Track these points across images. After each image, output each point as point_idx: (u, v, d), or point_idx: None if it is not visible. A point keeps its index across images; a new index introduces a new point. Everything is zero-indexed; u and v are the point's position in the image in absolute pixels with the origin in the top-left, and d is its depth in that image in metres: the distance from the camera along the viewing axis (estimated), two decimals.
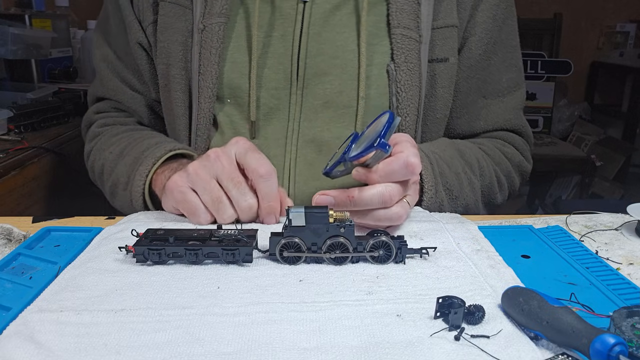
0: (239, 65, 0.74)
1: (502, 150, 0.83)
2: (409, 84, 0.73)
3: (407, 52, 0.73)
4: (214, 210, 0.61)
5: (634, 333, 0.39)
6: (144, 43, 0.81)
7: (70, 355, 0.39)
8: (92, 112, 0.89)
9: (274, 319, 0.44)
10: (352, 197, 0.56)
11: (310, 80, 0.74)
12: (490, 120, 0.84)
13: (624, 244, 0.61)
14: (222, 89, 0.75)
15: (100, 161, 0.80)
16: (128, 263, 0.53)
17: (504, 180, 0.82)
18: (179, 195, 0.61)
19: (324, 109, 0.74)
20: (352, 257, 0.53)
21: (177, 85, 0.77)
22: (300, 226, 0.53)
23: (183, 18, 0.75)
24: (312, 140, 0.75)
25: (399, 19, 0.73)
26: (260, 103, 0.74)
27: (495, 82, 0.83)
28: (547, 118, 2.62)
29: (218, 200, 0.60)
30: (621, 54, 2.69)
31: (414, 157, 0.56)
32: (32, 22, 1.55)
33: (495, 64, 0.82)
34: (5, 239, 0.61)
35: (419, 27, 0.73)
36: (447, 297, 0.44)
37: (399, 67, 0.73)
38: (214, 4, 0.72)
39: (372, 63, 0.73)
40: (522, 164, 0.86)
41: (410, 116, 0.74)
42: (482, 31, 0.79)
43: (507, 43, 0.83)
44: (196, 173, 0.60)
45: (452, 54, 0.77)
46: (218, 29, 0.72)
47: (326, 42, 0.73)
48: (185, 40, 0.75)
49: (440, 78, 0.77)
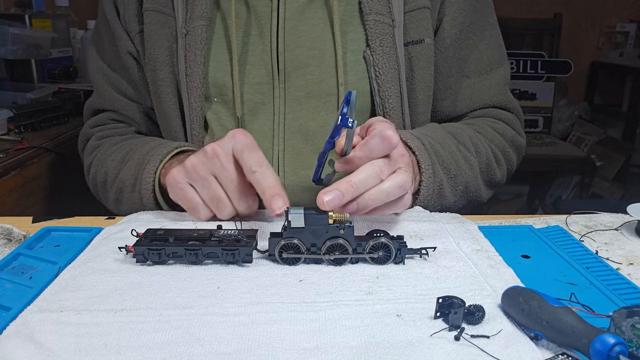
0: (222, 65, 0.77)
1: (492, 127, 0.84)
2: (387, 67, 0.75)
3: (381, 37, 0.75)
4: (213, 208, 0.61)
5: (634, 333, 0.39)
6: (134, 52, 0.83)
7: (70, 355, 0.39)
8: (89, 127, 0.90)
9: (274, 319, 0.44)
10: (351, 181, 0.55)
11: (291, 73, 0.76)
12: (475, 99, 0.85)
13: (624, 244, 0.61)
14: (209, 88, 0.77)
15: (103, 169, 0.80)
16: (128, 263, 0.53)
17: (501, 155, 0.83)
18: (179, 192, 0.62)
19: (307, 100, 0.77)
20: (352, 258, 0.53)
21: (166, 88, 0.79)
22: (300, 227, 0.53)
23: (167, 25, 0.78)
24: (299, 130, 0.77)
25: (370, 6, 0.75)
26: (244, 99, 0.77)
27: (475, 60, 0.84)
28: (547, 118, 2.62)
29: (217, 198, 0.61)
30: (621, 54, 2.69)
31: (388, 130, 0.56)
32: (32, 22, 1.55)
33: (474, 42, 0.83)
34: (5, 239, 0.61)
35: (391, 12, 0.75)
36: (447, 297, 0.44)
37: (375, 51, 0.75)
38: (194, 9, 0.75)
39: (348, 50, 0.76)
40: (515, 138, 0.86)
41: (393, 98, 0.76)
42: (454, 10, 0.80)
43: (483, 21, 0.84)
44: (194, 169, 0.60)
45: (427, 34, 0.78)
46: (201, 31, 0.75)
47: (302, 35, 0.76)
48: (171, 45, 0.78)
49: (417, 60, 0.78)
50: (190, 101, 0.76)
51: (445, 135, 0.75)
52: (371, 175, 0.55)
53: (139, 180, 0.71)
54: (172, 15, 0.78)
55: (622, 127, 2.67)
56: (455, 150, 0.74)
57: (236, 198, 0.60)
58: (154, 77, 0.80)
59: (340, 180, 0.55)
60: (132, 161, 0.75)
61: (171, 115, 0.80)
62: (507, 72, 0.87)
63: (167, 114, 0.80)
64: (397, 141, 0.56)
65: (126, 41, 0.83)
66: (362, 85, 0.77)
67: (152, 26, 0.79)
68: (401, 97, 0.77)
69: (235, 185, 0.60)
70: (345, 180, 0.54)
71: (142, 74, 0.85)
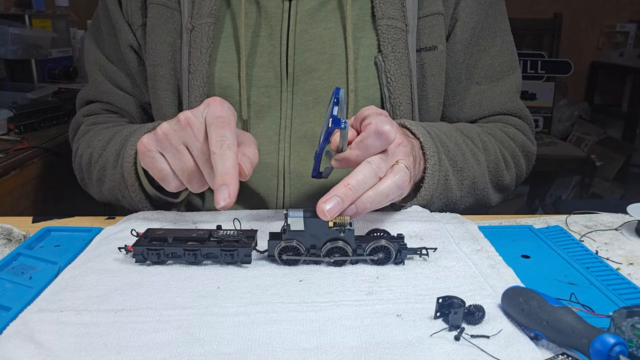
0: (228, 65, 0.75)
1: (503, 130, 0.82)
2: (398, 73, 0.73)
3: (394, 42, 0.73)
4: (183, 179, 0.59)
5: (634, 333, 0.39)
6: (135, 45, 0.81)
7: (70, 355, 0.39)
8: (81, 115, 0.88)
9: (274, 319, 0.44)
10: (349, 184, 0.54)
11: (300, 77, 0.74)
12: (485, 106, 0.83)
13: (624, 244, 0.61)
14: (212, 89, 0.75)
15: (88, 151, 0.78)
16: (128, 263, 0.53)
17: (510, 159, 0.81)
18: (148, 160, 0.59)
19: (315, 105, 0.75)
20: (351, 259, 0.53)
21: (165, 85, 0.77)
22: (299, 231, 0.53)
23: (171, 20, 0.76)
24: (305, 136, 0.75)
25: (383, 10, 0.73)
26: (251, 102, 0.75)
27: (486, 67, 0.82)
28: (547, 118, 2.62)
29: (188, 170, 0.58)
30: (621, 54, 2.69)
31: (384, 125, 0.54)
32: (32, 22, 1.56)
33: (485, 48, 0.82)
34: (5, 239, 0.61)
35: (404, 17, 0.74)
36: (447, 297, 0.44)
37: (387, 57, 0.73)
38: (202, 5, 0.73)
39: (359, 56, 0.74)
40: (525, 144, 0.84)
41: (404, 105, 0.74)
42: (467, 15, 0.79)
43: (495, 27, 0.82)
44: (165, 137, 0.58)
45: (440, 41, 0.77)
46: (208, 29, 0.73)
47: (313, 38, 0.74)
48: (174, 41, 0.76)
49: (429, 66, 0.77)
50: (190, 100, 0.74)
51: (452, 129, 0.74)
52: (369, 176, 0.54)
53: (121, 155, 0.69)
54: (178, 9, 0.75)
55: (622, 127, 2.67)
56: (462, 144, 0.72)
57: (207, 171, 0.57)
58: (154, 72, 0.78)
59: (338, 185, 0.54)
60: (116, 138, 0.73)
61: (167, 113, 0.78)
62: (519, 79, 0.85)
63: (164, 111, 0.78)
64: (394, 136, 0.55)
65: (127, 34, 0.80)
66: (373, 92, 0.75)
67: (156, 20, 0.76)
68: (412, 104, 0.75)
69: (207, 157, 0.56)
70: (343, 184, 0.53)
71: (142, 67, 0.82)
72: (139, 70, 0.83)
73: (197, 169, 0.58)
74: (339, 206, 0.52)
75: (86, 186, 0.84)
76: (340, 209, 0.53)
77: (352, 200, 0.53)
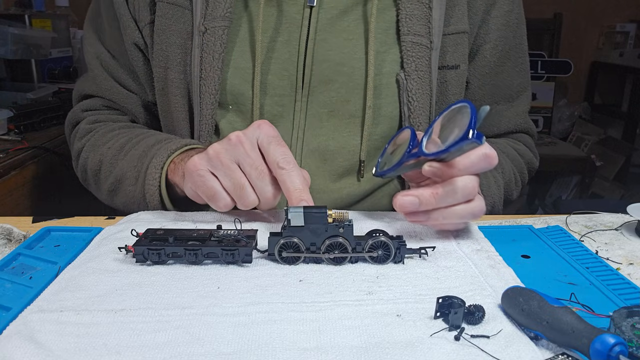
0: (242, 71, 0.72)
1: (515, 147, 0.84)
2: (419, 92, 0.71)
3: (417, 60, 0.71)
4: (235, 196, 0.58)
5: (634, 333, 0.39)
6: (140, 44, 0.77)
7: (70, 355, 0.39)
8: (79, 110, 0.84)
9: (274, 319, 0.44)
10: (437, 193, 0.53)
11: (316, 87, 0.72)
12: (502, 126, 0.85)
13: (624, 244, 0.61)
14: (224, 96, 0.73)
15: (97, 157, 0.76)
16: (128, 263, 0.53)
17: (519, 177, 0.83)
18: (199, 179, 0.59)
19: (330, 118, 0.73)
20: (351, 257, 0.53)
21: (176, 90, 0.74)
22: (299, 226, 0.53)
23: (182, 20, 0.72)
24: (317, 149, 0.73)
25: (409, 26, 0.71)
26: (264, 110, 0.72)
27: (506, 87, 0.83)
28: (547, 118, 2.62)
29: (240, 186, 0.58)
30: (621, 54, 2.69)
31: (490, 149, 0.54)
32: (32, 22, 1.56)
33: (508, 69, 0.82)
34: (5, 239, 0.61)
35: (430, 33, 0.71)
36: (447, 297, 0.44)
37: (409, 75, 0.71)
38: (217, 6, 0.70)
39: (381, 72, 0.72)
40: (531, 161, 0.86)
41: (423, 125, 0.72)
42: (496, 38, 0.78)
43: (519, 48, 0.83)
44: (217, 156, 0.58)
45: (463, 60, 0.76)
46: (221, 32, 0.69)
47: (333, 48, 0.71)
48: (184, 43, 0.72)
49: (450, 85, 0.75)
50: (201, 107, 0.71)
51: None
52: (460, 195, 0.53)
53: (142, 174, 0.68)
54: (189, 8, 0.71)
55: (622, 127, 2.67)
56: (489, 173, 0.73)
57: (260, 187, 0.58)
58: (164, 75, 0.75)
59: (426, 188, 0.53)
60: (133, 152, 0.71)
61: (178, 118, 0.75)
62: (530, 96, 0.87)
63: (174, 115, 0.76)
64: (497, 160, 0.54)
65: (133, 31, 0.76)
66: (392, 110, 0.72)
67: (165, 20, 0.72)
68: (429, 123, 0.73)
69: (259, 173, 0.57)
70: (430, 191, 0.53)
71: (147, 67, 0.79)
72: (143, 69, 0.80)
73: (249, 185, 0.58)
74: (412, 207, 0.53)
75: (89, 186, 0.82)
76: (412, 209, 0.53)
77: (429, 208, 0.54)
